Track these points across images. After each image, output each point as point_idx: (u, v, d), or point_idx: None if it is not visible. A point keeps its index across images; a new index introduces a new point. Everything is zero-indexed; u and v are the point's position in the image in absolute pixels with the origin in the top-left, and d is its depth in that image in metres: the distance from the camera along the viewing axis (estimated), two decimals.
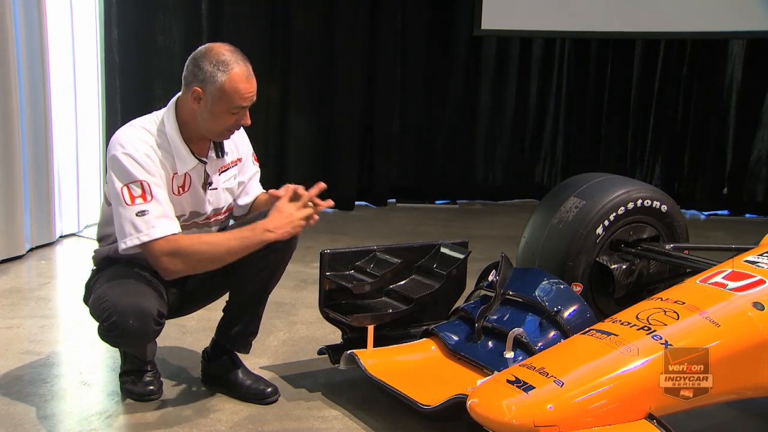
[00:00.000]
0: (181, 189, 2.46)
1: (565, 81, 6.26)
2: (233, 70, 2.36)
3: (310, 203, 2.42)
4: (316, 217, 2.43)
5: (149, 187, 2.33)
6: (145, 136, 2.40)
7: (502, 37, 6.13)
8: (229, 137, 2.50)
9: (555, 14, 5.98)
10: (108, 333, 2.37)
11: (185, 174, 2.45)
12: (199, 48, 2.42)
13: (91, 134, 4.88)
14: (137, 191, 2.32)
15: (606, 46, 6.18)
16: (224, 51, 2.39)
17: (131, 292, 2.35)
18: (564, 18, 5.98)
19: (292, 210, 2.39)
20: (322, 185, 2.45)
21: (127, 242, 2.33)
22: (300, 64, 5.54)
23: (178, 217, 2.42)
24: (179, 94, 2.45)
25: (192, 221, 2.52)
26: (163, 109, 2.48)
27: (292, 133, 5.63)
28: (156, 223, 2.32)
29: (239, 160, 2.62)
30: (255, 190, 2.70)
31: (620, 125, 6.28)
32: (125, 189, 2.33)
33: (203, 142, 2.48)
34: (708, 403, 2.22)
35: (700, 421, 2.44)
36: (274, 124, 5.52)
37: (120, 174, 2.34)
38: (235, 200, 2.65)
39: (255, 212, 2.62)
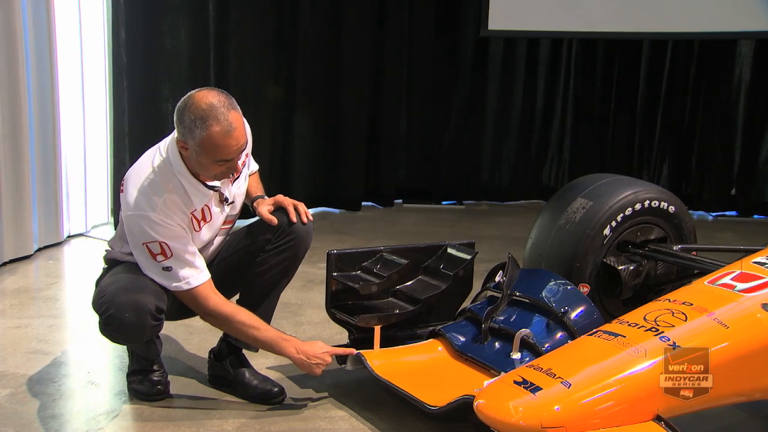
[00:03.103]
0: (201, 222, 2.47)
1: (572, 82, 6.23)
2: (211, 127, 2.26)
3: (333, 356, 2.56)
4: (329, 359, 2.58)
5: (167, 247, 2.36)
6: (157, 190, 2.38)
7: (509, 38, 6.12)
8: (226, 177, 2.45)
9: (562, 15, 5.97)
10: (105, 326, 2.39)
11: (202, 207, 2.46)
12: (184, 97, 2.33)
13: (99, 135, 4.88)
14: (156, 249, 2.37)
15: (613, 46, 6.16)
16: (204, 104, 2.27)
17: (130, 287, 2.37)
18: (571, 18, 5.97)
19: (328, 352, 2.53)
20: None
21: None
22: (306, 65, 5.53)
23: (199, 250, 2.47)
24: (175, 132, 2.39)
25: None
26: (167, 146, 2.44)
27: (299, 134, 5.62)
28: (182, 277, 2.39)
29: (246, 155, 2.61)
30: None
31: (627, 126, 6.25)
32: (145, 246, 2.38)
33: None
34: (717, 404, 2.22)
35: (709, 423, 2.43)
36: (281, 124, 5.51)
37: (138, 234, 2.38)
38: None
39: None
